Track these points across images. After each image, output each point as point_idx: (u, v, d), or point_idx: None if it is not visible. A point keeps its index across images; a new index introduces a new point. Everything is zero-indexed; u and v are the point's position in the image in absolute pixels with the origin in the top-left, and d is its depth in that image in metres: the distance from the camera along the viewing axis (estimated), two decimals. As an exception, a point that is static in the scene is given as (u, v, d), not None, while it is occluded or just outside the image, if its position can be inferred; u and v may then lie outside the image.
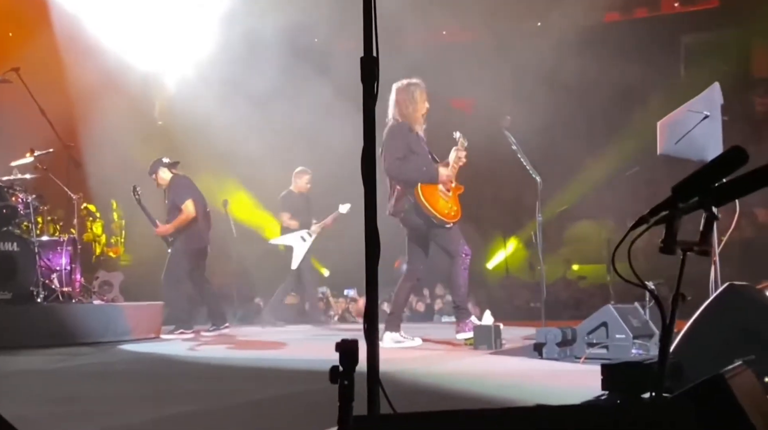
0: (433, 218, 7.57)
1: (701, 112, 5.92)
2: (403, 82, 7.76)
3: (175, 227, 9.73)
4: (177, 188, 9.92)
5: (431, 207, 7.56)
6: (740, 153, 2.48)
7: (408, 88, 7.73)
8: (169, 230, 9.73)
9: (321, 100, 12.47)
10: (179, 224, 9.74)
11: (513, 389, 4.68)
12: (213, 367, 6.49)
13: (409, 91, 7.72)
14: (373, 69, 2.90)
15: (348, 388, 2.04)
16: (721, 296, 4.31)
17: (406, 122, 7.68)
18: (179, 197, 9.83)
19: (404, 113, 7.68)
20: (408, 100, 7.70)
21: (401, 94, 7.71)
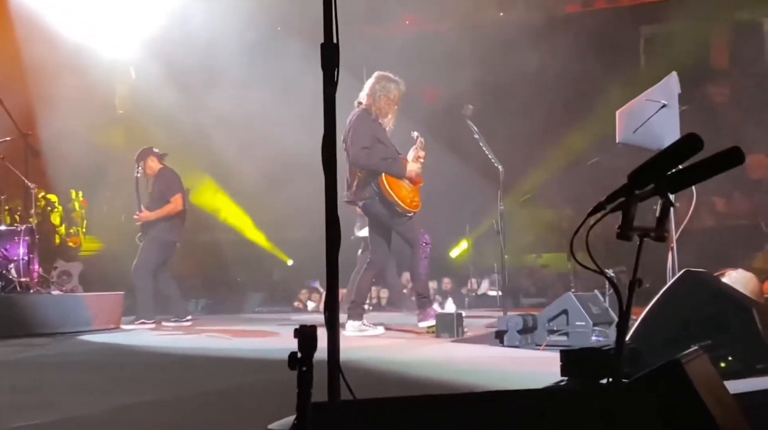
0: (396, 206, 7.59)
1: (659, 101, 5.98)
2: (385, 74, 7.78)
3: (159, 216, 9.74)
4: (168, 180, 9.97)
5: (395, 195, 7.58)
6: (695, 140, 2.51)
7: (388, 82, 7.74)
8: (152, 217, 9.73)
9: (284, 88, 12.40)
10: (164, 214, 9.76)
11: (474, 376, 4.71)
12: (174, 357, 6.44)
13: (388, 86, 7.73)
14: (334, 55, 2.90)
15: (306, 374, 2.03)
16: (677, 282, 4.37)
17: (373, 112, 7.68)
18: (170, 189, 9.87)
19: (375, 103, 7.68)
20: (383, 92, 7.70)
21: (380, 84, 7.71)
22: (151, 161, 9.95)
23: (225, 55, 12.24)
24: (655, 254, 7.17)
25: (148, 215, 9.73)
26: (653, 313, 4.25)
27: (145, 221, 9.75)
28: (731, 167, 2.62)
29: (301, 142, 10.99)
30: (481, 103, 9.39)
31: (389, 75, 7.77)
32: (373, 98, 7.68)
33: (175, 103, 12.50)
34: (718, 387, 3.04)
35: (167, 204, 9.78)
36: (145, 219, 9.74)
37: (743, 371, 3.88)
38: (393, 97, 7.72)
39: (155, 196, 9.91)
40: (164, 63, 12.65)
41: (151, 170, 9.95)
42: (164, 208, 9.76)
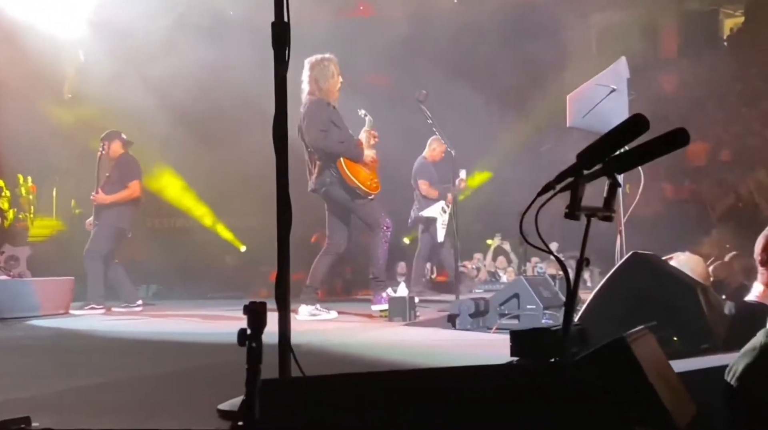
0: (356, 189, 7.59)
1: (608, 86, 6.06)
2: (316, 57, 7.73)
3: (115, 200, 9.58)
4: (128, 165, 9.83)
5: (355, 178, 7.58)
6: (640, 120, 2.55)
7: (322, 62, 7.70)
8: (108, 200, 9.57)
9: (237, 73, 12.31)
10: (121, 199, 9.60)
11: (425, 357, 4.74)
12: (124, 341, 6.39)
13: (323, 65, 7.70)
14: (285, 34, 2.88)
15: (255, 350, 2.03)
16: (625, 264, 4.44)
17: (323, 97, 7.66)
18: (129, 175, 9.73)
19: (321, 88, 7.66)
20: (323, 75, 7.68)
21: (316, 69, 7.68)
22: (116, 145, 9.81)
23: (179, 38, 12.09)
24: (608, 239, 7.28)
25: (105, 197, 9.58)
26: (601, 294, 4.31)
27: (100, 202, 9.60)
28: (677, 148, 2.65)
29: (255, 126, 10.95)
30: (434, 89, 9.42)
31: (319, 56, 7.72)
32: (317, 84, 7.66)
33: (126, 87, 12.32)
34: (662, 365, 3.10)
35: (124, 189, 9.64)
36: (102, 201, 9.58)
37: (688, 351, 3.95)
38: (333, 73, 7.71)
39: (113, 179, 9.73)
40: (114, 46, 12.45)
41: (114, 153, 9.80)
42: (121, 192, 9.61)
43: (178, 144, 12.94)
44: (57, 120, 12.67)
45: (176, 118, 12.68)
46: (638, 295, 4.20)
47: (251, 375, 2.00)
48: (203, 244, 14.40)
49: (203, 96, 12.55)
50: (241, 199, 13.77)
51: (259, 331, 2.06)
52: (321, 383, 2.14)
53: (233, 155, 12.99)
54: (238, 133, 12.40)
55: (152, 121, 12.54)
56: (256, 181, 12.92)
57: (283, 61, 2.91)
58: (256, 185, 12.96)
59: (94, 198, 9.65)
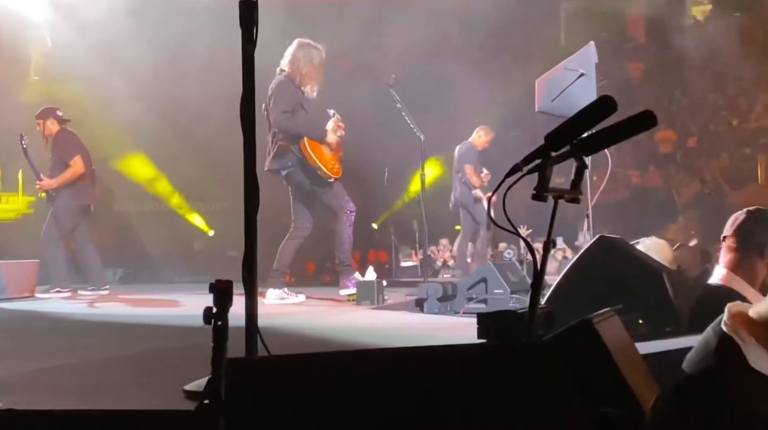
0: (318, 170, 7.57)
1: (577, 70, 6.09)
2: (307, 41, 7.70)
3: (61, 182, 9.36)
4: (65, 143, 9.54)
5: (318, 159, 7.56)
6: (608, 102, 2.56)
7: (310, 49, 7.68)
8: (54, 184, 9.36)
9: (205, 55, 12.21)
10: (65, 180, 9.37)
11: (392, 340, 4.76)
12: (89, 323, 6.32)
13: (310, 52, 7.67)
14: (252, 13, 2.86)
15: (221, 328, 2.02)
16: (592, 247, 4.48)
17: (294, 79, 7.63)
18: (67, 153, 9.46)
19: (300, 71, 7.62)
20: (307, 59, 7.64)
21: (302, 51, 7.64)
22: (51, 123, 9.55)
23: (145, 22, 11.95)
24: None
25: (50, 182, 9.38)
26: (568, 277, 4.35)
27: (47, 188, 9.43)
28: (644, 130, 2.67)
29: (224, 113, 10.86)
30: (402, 74, 9.41)
31: (311, 42, 7.71)
32: (296, 65, 7.62)
33: (93, 70, 12.17)
34: (627, 346, 3.13)
35: (66, 168, 9.43)
36: (47, 187, 9.38)
37: (653, 333, 3.99)
38: (316, 64, 7.68)
39: (55, 160, 9.50)
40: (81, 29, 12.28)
41: (49, 132, 9.54)
42: (65, 173, 9.35)
43: (146, 127, 12.81)
44: (23, 102, 12.49)
45: (144, 101, 12.54)
46: (605, 278, 4.24)
47: (217, 354, 1.99)
48: (171, 228, 14.31)
49: (171, 79, 12.43)
50: (210, 182, 13.70)
51: (225, 309, 2.05)
52: (287, 363, 2.13)
53: (202, 138, 12.90)
54: (206, 116, 12.29)
55: (120, 105, 12.42)
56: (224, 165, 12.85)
57: (251, 41, 2.88)
58: (225, 169, 12.90)
59: (39, 186, 9.46)
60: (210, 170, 13.35)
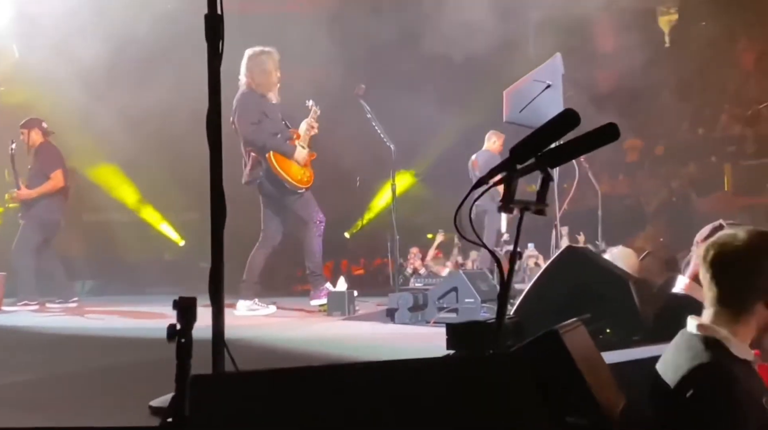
0: (285, 182, 7.56)
1: (544, 81, 6.14)
2: (255, 49, 7.70)
3: (40, 193, 9.30)
4: (48, 156, 9.50)
5: (284, 172, 7.56)
6: (572, 115, 2.58)
7: (260, 56, 7.67)
8: (32, 195, 9.30)
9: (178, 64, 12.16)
10: (44, 192, 9.31)
11: (363, 351, 4.76)
12: (56, 336, 6.26)
13: (260, 59, 7.67)
14: (218, 27, 2.86)
15: (185, 345, 2.01)
16: (560, 257, 4.52)
17: (257, 89, 7.64)
18: (49, 165, 9.41)
19: (256, 81, 7.63)
20: (259, 68, 7.65)
21: (252, 61, 7.65)
22: (35, 133, 9.53)
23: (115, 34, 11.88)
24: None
25: (29, 192, 9.32)
26: (537, 287, 4.38)
27: (24, 199, 9.36)
28: (607, 143, 2.70)
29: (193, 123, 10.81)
30: (371, 84, 9.43)
31: (259, 48, 7.70)
32: (251, 76, 7.63)
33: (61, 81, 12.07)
34: (593, 357, 3.16)
35: (47, 180, 9.38)
36: (25, 197, 9.33)
37: (620, 342, 4.03)
38: (269, 68, 7.69)
39: (35, 171, 9.45)
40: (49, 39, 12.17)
41: (33, 143, 9.51)
42: (44, 185, 9.32)
43: (116, 137, 12.72)
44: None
45: (114, 111, 12.46)
46: (573, 287, 4.28)
47: (181, 371, 1.98)
48: (141, 238, 14.21)
49: (141, 89, 12.37)
50: (180, 192, 13.63)
51: (189, 326, 2.05)
52: (252, 378, 2.12)
53: (172, 148, 12.83)
54: (177, 126, 12.23)
55: (89, 115, 12.32)
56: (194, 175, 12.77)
57: (216, 55, 2.89)
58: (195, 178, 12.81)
59: (17, 196, 9.38)
60: (180, 180, 13.28)
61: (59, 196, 9.50)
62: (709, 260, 2.73)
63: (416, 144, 12.40)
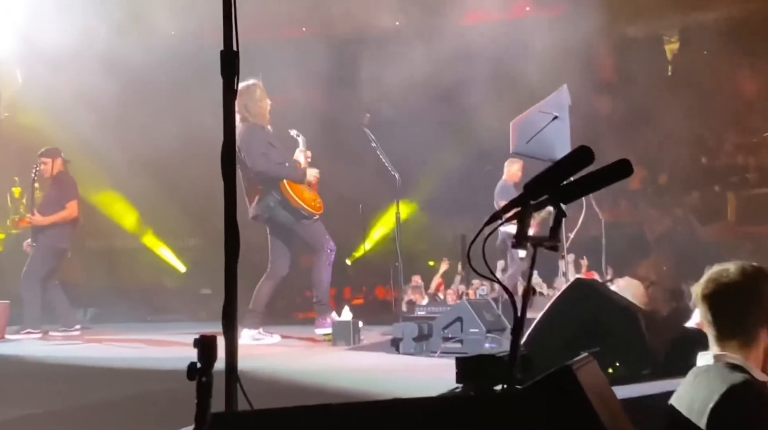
0: (301, 209, 7.59)
1: (551, 113, 6.16)
2: (242, 84, 7.69)
3: (53, 221, 9.37)
4: (66, 185, 9.60)
5: (299, 199, 7.58)
6: (587, 152, 2.59)
7: (248, 89, 7.69)
8: (46, 222, 9.36)
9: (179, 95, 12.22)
10: (57, 220, 9.39)
11: (370, 384, 4.73)
12: (63, 367, 6.22)
13: (249, 92, 7.70)
14: (234, 63, 2.87)
15: (206, 385, 2.01)
16: (568, 290, 4.51)
17: (257, 122, 7.67)
18: (66, 195, 9.51)
19: (251, 113, 7.67)
20: (251, 101, 7.69)
21: (243, 96, 7.65)
22: (58, 163, 9.61)
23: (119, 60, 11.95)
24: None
25: (43, 219, 9.38)
26: (545, 320, 4.37)
27: (37, 224, 9.39)
28: (620, 179, 2.71)
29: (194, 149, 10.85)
30: (375, 112, 9.47)
31: (244, 84, 7.70)
32: (248, 111, 7.67)
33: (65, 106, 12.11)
34: (606, 393, 3.14)
35: (62, 210, 9.43)
36: (39, 223, 9.38)
37: (630, 376, 4.01)
38: (260, 97, 7.76)
39: (50, 200, 9.53)
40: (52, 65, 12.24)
41: (55, 171, 9.58)
42: (59, 213, 9.39)
43: (118, 164, 12.77)
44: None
45: (116, 137, 12.51)
46: (581, 321, 4.27)
47: (201, 409, 1.97)
48: (142, 265, 14.22)
49: (143, 115, 12.44)
50: (181, 218, 13.65)
51: (210, 365, 2.04)
52: (271, 417, 2.12)
53: (174, 174, 12.87)
54: (178, 152, 12.27)
55: (91, 141, 12.36)
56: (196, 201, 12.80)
57: (231, 90, 2.89)
58: (196, 205, 12.84)
59: (30, 221, 9.43)
60: (182, 206, 13.30)
61: (70, 226, 9.57)
62: (704, 296, 2.79)
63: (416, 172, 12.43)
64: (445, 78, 12.68)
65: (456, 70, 12.61)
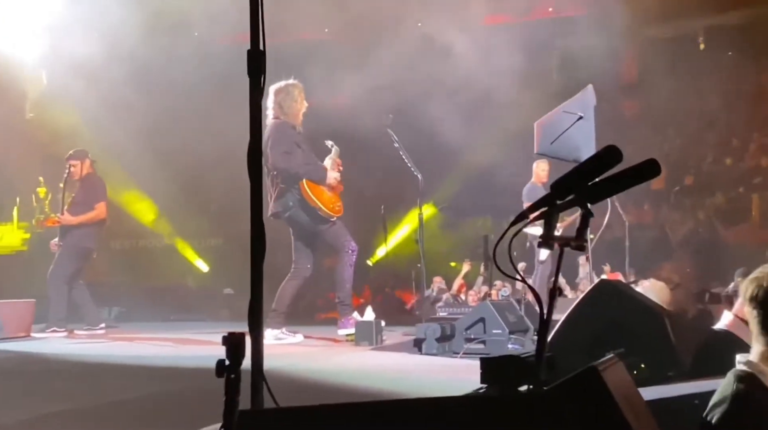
0: (318, 210, 7.59)
1: (576, 113, 6.12)
2: (280, 83, 7.76)
3: (81, 221, 9.44)
4: (95, 186, 9.68)
5: (317, 200, 7.58)
6: (615, 152, 2.58)
7: (287, 88, 7.74)
8: (74, 222, 9.43)
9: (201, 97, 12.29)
10: (86, 220, 9.45)
11: (393, 383, 4.73)
12: (89, 365, 6.25)
13: (288, 91, 7.74)
14: (260, 62, 2.88)
15: (234, 381, 2.02)
16: (593, 291, 4.48)
17: (288, 121, 7.69)
18: (95, 195, 9.59)
19: (285, 112, 7.69)
20: (288, 100, 7.71)
21: (281, 95, 7.71)
22: (86, 164, 9.67)
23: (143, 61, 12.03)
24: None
25: (71, 219, 9.46)
26: (570, 321, 4.34)
27: (66, 224, 9.48)
28: (647, 179, 2.69)
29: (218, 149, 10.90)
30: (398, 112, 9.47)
31: (283, 83, 7.75)
32: (282, 109, 7.69)
33: (89, 107, 12.22)
34: (633, 394, 3.12)
35: (91, 210, 9.51)
36: (67, 223, 9.46)
37: (655, 378, 3.98)
38: (297, 97, 7.77)
39: (79, 200, 9.59)
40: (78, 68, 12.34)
41: (84, 172, 9.65)
42: (88, 214, 9.46)
43: (141, 164, 12.86)
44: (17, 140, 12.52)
45: (140, 138, 12.61)
46: (606, 322, 4.24)
47: (229, 407, 1.99)
48: (166, 265, 14.31)
49: (167, 115, 12.51)
50: (204, 219, 13.72)
51: (238, 362, 2.06)
52: (297, 415, 2.12)
53: (196, 175, 12.94)
54: (201, 153, 12.34)
55: (115, 142, 12.46)
56: (218, 202, 12.87)
57: (258, 89, 2.91)
58: (219, 205, 12.92)
59: (59, 220, 9.51)
60: (204, 207, 13.37)
61: (97, 227, 9.64)
62: (749, 296, 2.73)
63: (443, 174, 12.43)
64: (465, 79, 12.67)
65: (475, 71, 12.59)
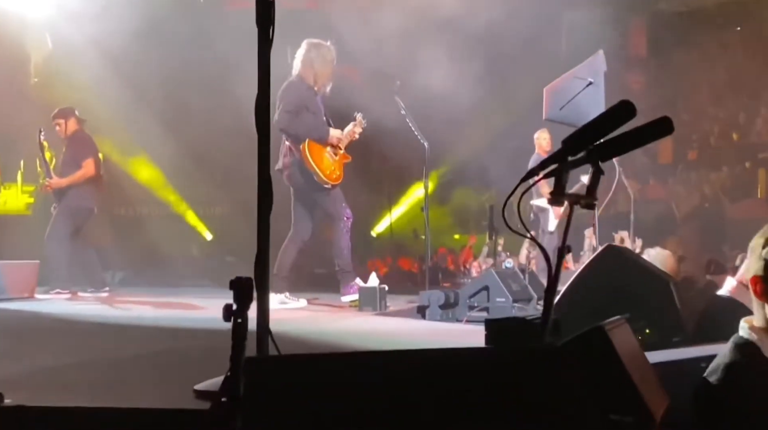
0: (315, 175, 7.54)
1: (586, 78, 6.08)
2: (317, 40, 7.73)
3: (70, 182, 9.32)
4: (81, 144, 9.52)
5: (315, 164, 7.54)
6: (628, 107, 2.55)
7: (320, 47, 7.71)
8: (64, 183, 9.32)
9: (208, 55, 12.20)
10: (75, 180, 9.33)
11: (398, 345, 4.73)
12: (92, 324, 6.25)
13: (320, 50, 7.70)
14: (269, 12, 2.85)
15: (241, 325, 2.01)
16: (599, 256, 4.47)
17: (307, 80, 7.64)
18: (81, 153, 9.44)
19: (312, 70, 7.65)
20: (319, 58, 7.67)
21: (312, 51, 7.68)
22: (71, 122, 9.56)
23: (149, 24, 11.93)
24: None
25: (60, 181, 9.35)
26: (576, 285, 4.33)
27: (56, 187, 9.40)
28: (660, 137, 2.68)
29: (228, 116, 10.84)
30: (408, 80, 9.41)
31: (319, 41, 7.73)
32: (310, 65, 7.65)
33: (98, 73, 12.14)
34: (638, 355, 3.13)
35: (79, 169, 9.39)
36: (56, 186, 9.35)
37: (660, 343, 3.98)
38: (329, 60, 7.73)
39: (67, 160, 9.48)
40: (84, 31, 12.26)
41: (69, 131, 9.54)
42: (76, 173, 9.33)
43: (146, 130, 12.81)
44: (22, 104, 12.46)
45: (145, 103, 12.54)
46: (612, 287, 4.23)
47: (236, 351, 1.98)
48: (169, 232, 14.28)
49: (173, 81, 12.43)
50: (209, 186, 13.69)
51: (246, 306, 2.05)
52: (304, 362, 2.12)
53: (202, 142, 12.88)
54: (207, 120, 12.28)
55: (121, 107, 12.40)
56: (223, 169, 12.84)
57: (267, 40, 2.88)
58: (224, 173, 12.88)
59: (48, 185, 9.42)
60: (209, 174, 13.33)
61: (91, 185, 9.49)
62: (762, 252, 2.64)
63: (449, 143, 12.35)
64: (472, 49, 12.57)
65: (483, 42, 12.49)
